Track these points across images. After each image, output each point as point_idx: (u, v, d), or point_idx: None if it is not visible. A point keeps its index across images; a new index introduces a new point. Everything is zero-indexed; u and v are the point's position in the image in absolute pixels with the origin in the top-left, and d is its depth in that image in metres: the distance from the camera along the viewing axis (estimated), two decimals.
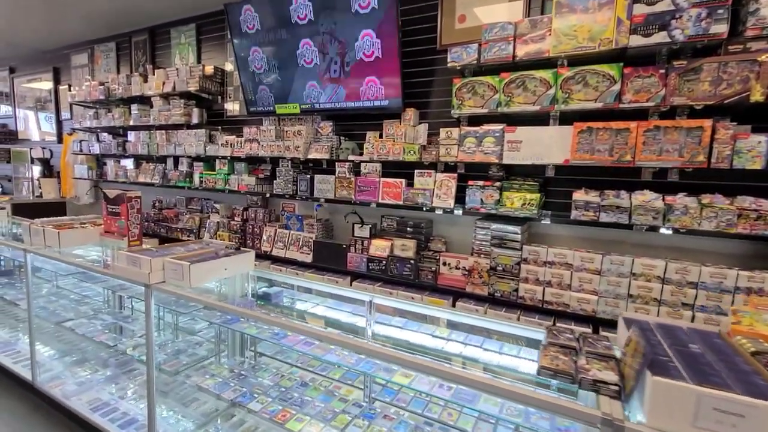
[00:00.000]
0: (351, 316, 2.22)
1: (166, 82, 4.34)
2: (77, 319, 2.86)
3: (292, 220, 3.82)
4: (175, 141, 4.33)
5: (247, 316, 1.79)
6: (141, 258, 1.92)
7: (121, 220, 2.68)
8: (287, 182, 3.55)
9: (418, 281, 3.02)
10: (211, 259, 2.02)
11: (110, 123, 4.88)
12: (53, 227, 2.70)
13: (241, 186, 3.86)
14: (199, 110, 4.19)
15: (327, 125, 3.46)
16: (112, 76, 4.85)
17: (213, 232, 4.14)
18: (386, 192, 3.07)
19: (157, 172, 4.56)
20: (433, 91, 3.16)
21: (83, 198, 5.79)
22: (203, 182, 4.13)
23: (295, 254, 3.60)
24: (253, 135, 3.75)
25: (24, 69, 6.68)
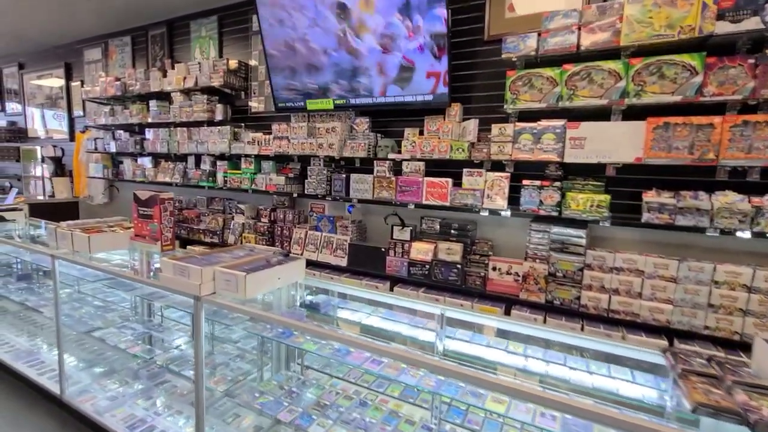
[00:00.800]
0: (411, 328, 2.04)
1: (187, 77, 4.15)
2: (106, 328, 2.69)
3: (322, 221, 3.65)
4: (197, 138, 4.15)
5: (311, 332, 1.62)
6: (190, 267, 1.75)
7: (153, 223, 2.51)
8: (320, 182, 3.37)
9: (465, 287, 2.85)
10: (264, 268, 1.85)
11: (127, 120, 4.70)
12: (81, 231, 2.53)
13: (269, 186, 3.69)
14: (223, 106, 4.01)
15: (363, 122, 3.27)
16: (129, 71, 4.67)
17: (238, 233, 3.97)
18: (431, 192, 2.89)
19: (177, 171, 4.38)
20: (478, 86, 2.97)
21: (97, 198, 5.62)
22: (227, 182, 3.95)
23: (329, 257, 3.42)
24: (282, 132, 3.56)
25: (34, 65, 6.50)
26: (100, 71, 5.51)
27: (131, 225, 2.87)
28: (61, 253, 2.45)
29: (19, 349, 3.10)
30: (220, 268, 1.76)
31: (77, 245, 2.47)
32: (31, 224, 3.82)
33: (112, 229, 2.67)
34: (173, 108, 4.29)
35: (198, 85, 4.07)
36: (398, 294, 2.92)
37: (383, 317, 2.18)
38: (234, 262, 1.93)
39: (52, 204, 5.76)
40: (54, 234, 2.57)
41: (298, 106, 3.56)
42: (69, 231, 2.51)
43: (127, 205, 5.47)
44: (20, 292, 3.39)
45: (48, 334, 3.33)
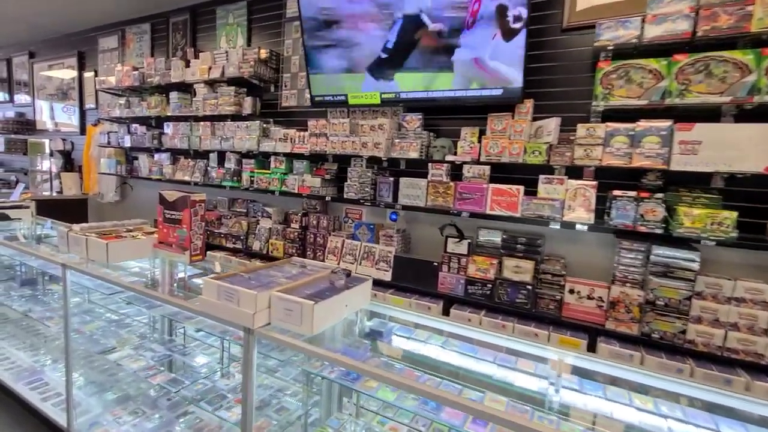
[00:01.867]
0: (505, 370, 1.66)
1: (212, 67, 3.80)
2: (121, 349, 2.32)
3: (361, 229, 3.27)
4: (222, 134, 3.79)
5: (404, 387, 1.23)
6: (241, 292, 1.37)
7: (182, 229, 2.15)
8: (363, 185, 3.00)
9: (535, 311, 2.46)
10: (330, 294, 1.47)
11: (144, 113, 4.35)
12: (97, 236, 2.17)
13: (301, 188, 3.32)
14: (252, 99, 3.65)
15: (415, 118, 2.90)
16: (148, 61, 4.32)
17: (264, 239, 3.60)
18: (497, 201, 2.52)
19: (198, 169, 4.02)
20: (553, 80, 2.60)
21: (108, 195, 5.26)
22: (254, 182, 3.59)
23: (369, 270, 3.04)
24: (320, 129, 3.20)
25: (45, 54, 6.18)
26: (115, 61, 5.17)
27: (153, 230, 2.51)
28: (75, 262, 2.08)
29: (20, 367, 2.73)
30: (278, 293, 1.39)
31: (93, 253, 2.10)
32: (38, 223, 3.46)
33: (132, 235, 2.30)
34: (196, 100, 3.93)
35: (225, 75, 3.72)
36: (458, 318, 2.54)
37: (462, 352, 1.80)
38: (290, 284, 1.55)
39: (60, 201, 5.40)
40: (65, 238, 2.20)
41: (338, 100, 3.20)
42: (83, 236, 2.14)
43: (140, 204, 5.12)
44: (23, 300, 3.02)
45: (52, 348, 2.96)
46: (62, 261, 2.06)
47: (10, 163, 7.19)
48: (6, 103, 6.97)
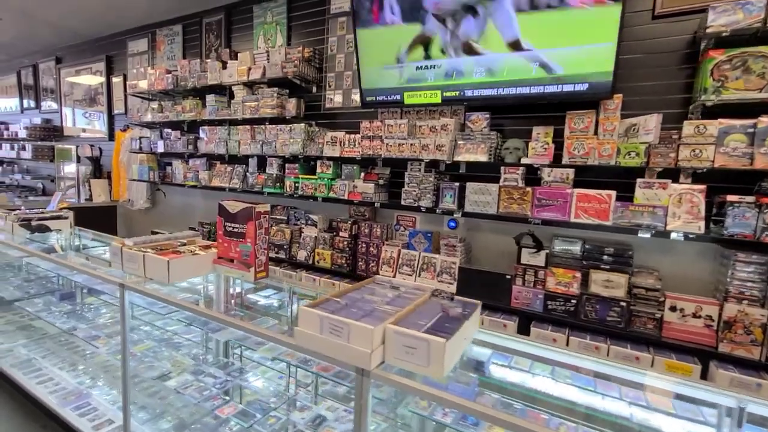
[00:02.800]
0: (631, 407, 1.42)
1: (252, 68, 3.62)
2: (177, 374, 2.13)
3: (417, 237, 3.05)
4: (262, 138, 3.61)
5: None
6: (352, 325, 1.16)
7: (245, 243, 1.95)
8: (425, 191, 2.78)
9: (630, 331, 2.21)
10: (452, 326, 1.25)
11: (178, 117, 4.20)
12: (154, 251, 1.98)
13: (352, 194, 3.11)
14: (297, 101, 3.45)
15: (481, 118, 2.68)
16: (182, 63, 4.17)
17: (310, 249, 3.40)
18: (583, 208, 2.27)
19: (236, 174, 3.85)
20: (643, 72, 2.35)
21: (138, 202, 5.13)
22: (298, 188, 3.39)
23: (431, 283, 2.81)
24: (375, 131, 2.98)
25: (72, 59, 6.09)
26: (144, 64, 5.04)
27: (207, 243, 2.32)
28: (133, 281, 1.89)
29: (65, 389, 2.56)
30: (395, 326, 1.17)
31: (152, 271, 1.91)
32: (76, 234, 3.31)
33: (190, 250, 2.11)
34: (234, 103, 3.76)
35: (265, 76, 3.53)
36: (540, 337, 2.31)
37: (579, 385, 1.56)
38: (396, 311, 1.33)
39: (89, 209, 5.29)
40: (119, 255, 2.02)
41: (393, 100, 2.98)
42: (140, 252, 1.96)
43: (172, 212, 4.97)
44: (65, 316, 2.86)
45: (95, 366, 2.80)
46: (120, 281, 1.88)
47: (36, 170, 7.14)
48: (33, 109, 6.92)
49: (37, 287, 3.42)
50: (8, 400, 2.70)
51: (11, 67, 7.16)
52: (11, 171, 7.39)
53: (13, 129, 6.85)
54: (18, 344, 3.11)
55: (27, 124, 6.52)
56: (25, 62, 6.87)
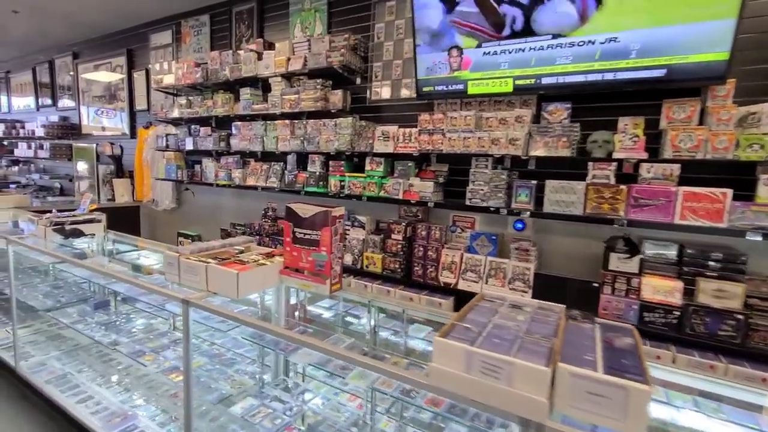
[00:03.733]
0: None
1: (291, 59, 3.37)
2: (239, 398, 1.90)
3: (479, 240, 2.80)
4: (303, 134, 3.36)
5: None
6: (517, 365, 0.91)
7: (320, 252, 1.72)
8: (496, 189, 2.52)
9: (748, 347, 1.95)
10: (630, 362, 1.00)
11: (209, 112, 3.96)
12: (218, 262, 1.75)
13: (408, 193, 2.86)
14: (343, 93, 3.20)
15: (561, 108, 2.41)
16: (213, 55, 3.93)
17: (357, 252, 3.16)
18: (690, 208, 2.01)
19: (273, 173, 3.61)
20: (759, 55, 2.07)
21: (164, 203, 4.92)
22: (344, 187, 3.15)
23: (500, 291, 2.57)
24: (436, 124, 2.73)
25: (90, 54, 5.87)
26: (168, 58, 4.80)
27: (266, 250, 2.09)
28: (196, 297, 1.66)
29: (108, 409, 2.34)
30: (573, 367, 0.92)
31: (217, 283, 1.68)
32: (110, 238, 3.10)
33: (253, 259, 1.88)
34: (271, 97, 3.51)
35: (307, 66, 3.28)
36: None
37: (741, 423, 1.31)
38: (545, 341, 1.08)
39: (112, 210, 5.08)
40: (176, 265, 1.79)
41: (454, 90, 2.72)
42: (200, 262, 1.72)
43: (198, 212, 4.75)
44: (103, 329, 2.64)
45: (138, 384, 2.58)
46: (183, 296, 1.65)
47: (54, 169, 6.96)
48: (49, 107, 6.72)
49: (68, 294, 3.22)
50: (46, 421, 2.49)
51: (26, 63, 6.96)
52: (27, 170, 7.21)
53: (29, 127, 6.66)
54: (50, 356, 2.90)
55: (44, 122, 6.33)
56: (40, 58, 6.67)
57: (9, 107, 7.61)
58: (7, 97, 7.62)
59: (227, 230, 3.96)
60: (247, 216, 4.18)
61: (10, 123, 7.16)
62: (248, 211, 4.22)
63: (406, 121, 3.09)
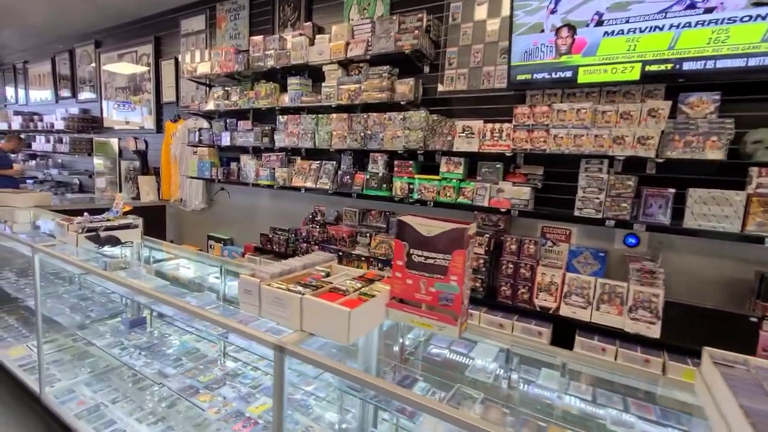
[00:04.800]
0: None
1: (351, 43, 2.96)
2: None
3: (581, 257, 2.37)
4: (363, 129, 2.95)
5: None
6: None
7: (448, 283, 1.32)
8: (618, 198, 2.09)
9: None
10: None
11: (251, 104, 3.56)
12: (312, 292, 1.34)
13: (495, 200, 2.44)
14: (415, 82, 2.77)
15: (707, 100, 1.97)
16: (256, 40, 3.53)
17: None
18: None
19: (325, 172, 3.20)
20: None
21: (193, 203, 4.54)
22: (415, 191, 2.73)
23: (616, 319, 2.13)
24: (538, 118, 2.29)
25: (113, 42, 5.51)
26: (201, 45, 4.42)
27: (360, 272, 1.68)
28: (292, 341, 1.25)
29: None
30: None
31: (314, 322, 1.27)
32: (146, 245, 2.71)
33: (353, 287, 1.46)
34: (326, 87, 3.10)
35: (370, 52, 2.86)
36: None
37: None
38: None
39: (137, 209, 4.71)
40: (256, 294, 1.38)
41: (560, 78, 2.28)
42: (293, 293, 1.32)
43: (232, 214, 4.36)
44: (143, 355, 2.26)
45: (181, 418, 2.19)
46: (275, 341, 1.24)
47: (72, 164, 6.63)
48: (68, 98, 6.38)
49: (96, 307, 2.84)
50: None
51: (45, 53, 6.63)
52: (45, 165, 6.89)
53: (48, 120, 6.33)
54: (79, 380, 2.52)
55: (64, 115, 5.99)
56: (60, 47, 6.33)
57: (27, 99, 7.30)
58: (24, 88, 7.30)
59: (268, 235, 3.56)
60: (287, 220, 3.78)
61: (28, 116, 6.84)
62: (288, 215, 3.82)
63: (486, 115, 2.67)
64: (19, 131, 6.79)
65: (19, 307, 3.57)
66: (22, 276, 3.46)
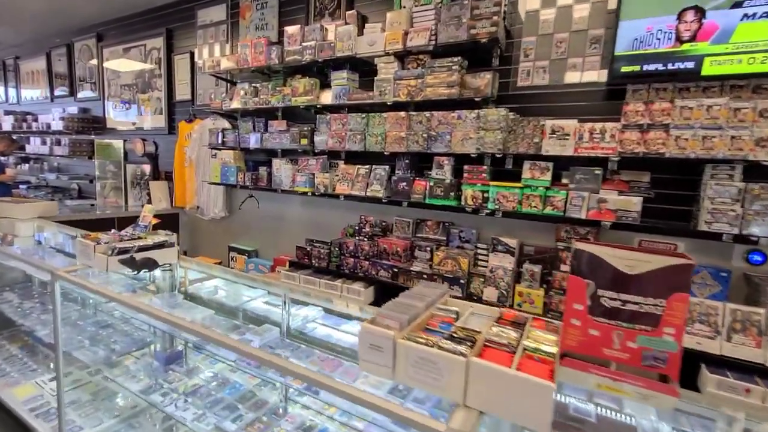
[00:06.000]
0: None
1: (411, 32, 2.60)
2: None
3: (698, 276, 2.06)
4: (424, 129, 2.60)
5: None
6: None
7: (659, 337, 0.99)
8: (763, 212, 1.77)
9: None
10: None
11: (286, 102, 3.18)
12: (468, 349, 0.98)
13: (596, 212, 2.11)
14: (492, 76, 2.42)
15: None
16: (291, 31, 3.15)
17: (505, 286, 2.40)
18: None
19: (376, 178, 2.84)
20: None
21: (212, 211, 4.13)
22: (491, 200, 2.38)
23: (757, 353, 1.81)
24: (657, 116, 1.96)
25: (118, 35, 5.07)
26: (220, 38, 4.02)
27: (489, 308, 1.33)
28: (461, 425, 0.90)
29: None
30: None
31: (486, 395, 0.92)
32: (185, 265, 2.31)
33: (508, 338, 1.11)
34: (380, 82, 2.74)
35: (435, 41, 2.52)
36: None
37: None
38: None
39: None
40: (390, 351, 1.02)
41: (679, 70, 1.96)
42: (454, 355, 0.96)
43: (256, 224, 3.96)
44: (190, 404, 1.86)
45: None
46: (445, 429, 0.88)
47: (70, 168, 6.14)
48: (65, 97, 5.90)
49: (119, 337, 2.44)
50: None
51: (39, 48, 6.14)
52: (40, 169, 6.39)
53: (43, 120, 5.84)
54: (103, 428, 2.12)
55: (62, 114, 5.51)
56: (56, 41, 5.85)
57: (18, 97, 6.78)
58: (15, 86, 6.78)
59: (305, 248, 3.18)
60: (321, 230, 3.41)
61: (21, 115, 6.34)
62: (322, 225, 3.45)
63: (570, 113, 2.35)
64: (11, 132, 6.29)
65: (21, 332, 3.14)
66: (25, 298, 3.03)
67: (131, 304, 1.60)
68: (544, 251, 2.52)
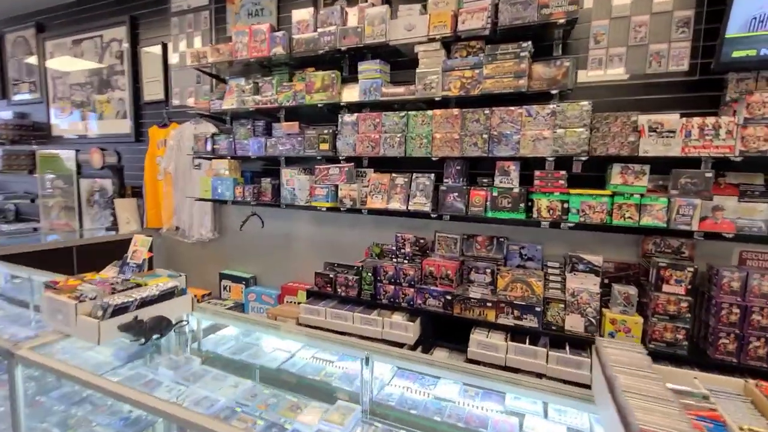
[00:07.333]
0: None
1: (462, 13, 2.18)
2: None
3: None
4: (483, 129, 2.17)
5: None
6: None
7: None
8: None
9: None
10: None
11: (297, 100, 2.64)
12: None
13: (712, 222, 1.78)
14: (572, 64, 2.04)
15: None
16: (301, 15, 2.63)
17: (592, 313, 2.02)
18: None
19: (419, 188, 2.38)
20: None
21: (197, 232, 3.45)
22: (571, 211, 2.00)
23: None
24: None
25: (65, 25, 4.23)
26: (201, 27, 3.39)
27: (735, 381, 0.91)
28: None
29: None
30: None
31: None
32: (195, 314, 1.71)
33: None
34: (423, 73, 2.28)
35: (495, 24, 2.11)
36: None
37: None
38: None
39: (114, 243, 3.52)
40: None
41: None
42: None
43: (252, 245, 3.33)
44: None
45: None
46: None
47: (5, 185, 5.11)
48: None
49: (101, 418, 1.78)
50: None
51: None
52: None
53: None
54: None
55: None
56: None
57: None
58: None
59: (326, 274, 2.65)
60: (338, 252, 2.90)
61: None
62: (340, 245, 2.94)
63: (653, 107, 2.03)
64: None
65: None
66: None
67: (150, 406, 1.02)
68: (626, 268, 2.18)
